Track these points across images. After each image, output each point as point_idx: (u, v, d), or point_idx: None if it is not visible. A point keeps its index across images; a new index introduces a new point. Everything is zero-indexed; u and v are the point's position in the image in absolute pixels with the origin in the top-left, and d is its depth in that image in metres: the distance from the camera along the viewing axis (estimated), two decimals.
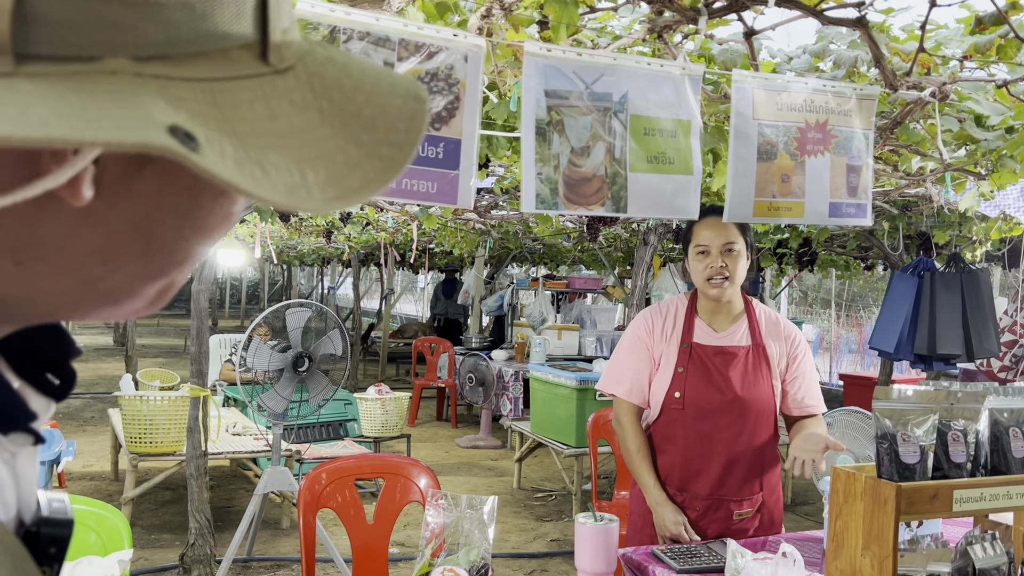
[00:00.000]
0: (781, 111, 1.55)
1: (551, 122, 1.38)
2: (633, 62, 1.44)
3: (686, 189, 1.49)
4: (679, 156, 1.47)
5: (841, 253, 6.48)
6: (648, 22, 1.45)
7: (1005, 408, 1.79)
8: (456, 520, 1.60)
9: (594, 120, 1.41)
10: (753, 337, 2.63)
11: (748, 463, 2.58)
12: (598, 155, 1.41)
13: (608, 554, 2.20)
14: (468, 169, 1.33)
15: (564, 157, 1.39)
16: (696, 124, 1.50)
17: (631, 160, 1.43)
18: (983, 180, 2.17)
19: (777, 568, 2.06)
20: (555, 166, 1.38)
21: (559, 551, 4.97)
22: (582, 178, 1.41)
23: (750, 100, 1.53)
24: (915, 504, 1.63)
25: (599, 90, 1.41)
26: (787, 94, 1.56)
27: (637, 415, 2.69)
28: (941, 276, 4.25)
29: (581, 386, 5.60)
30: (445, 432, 8.52)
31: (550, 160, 1.38)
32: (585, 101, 1.41)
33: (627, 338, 2.75)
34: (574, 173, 1.40)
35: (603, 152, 1.42)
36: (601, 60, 1.42)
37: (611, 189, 1.42)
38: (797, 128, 1.57)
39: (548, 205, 1.37)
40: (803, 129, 1.58)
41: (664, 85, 1.46)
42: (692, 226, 2.53)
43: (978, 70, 1.80)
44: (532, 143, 1.36)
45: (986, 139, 1.84)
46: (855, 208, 1.63)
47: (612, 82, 1.42)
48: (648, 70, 1.45)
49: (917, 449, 1.67)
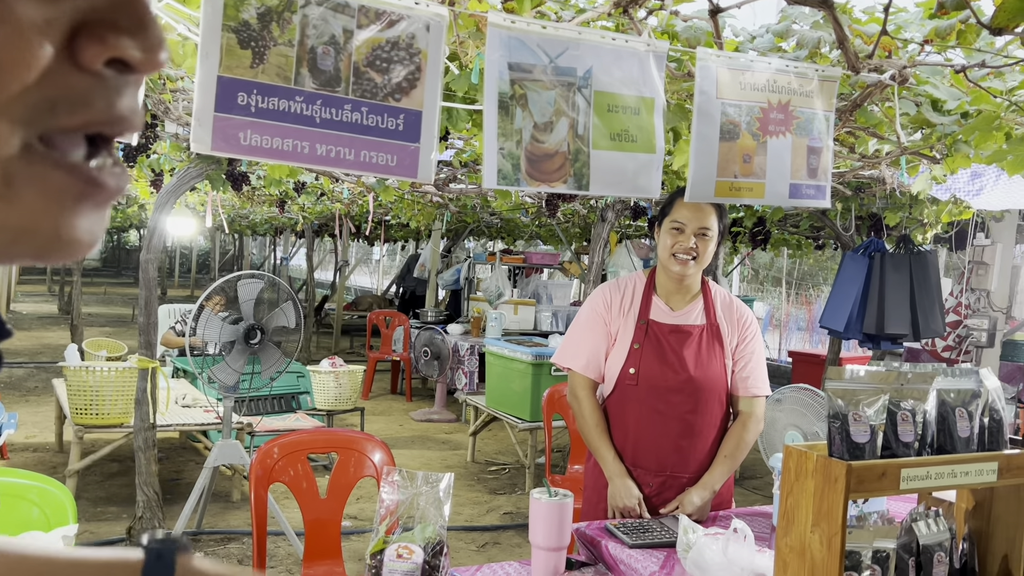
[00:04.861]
0: (744, 91, 1.55)
1: (514, 96, 1.36)
2: (598, 37, 1.42)
3: (648, 167, 1.48)
4: (642, 134, 1.46)
5: (794, 232, 6.58)
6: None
7: (952, 389, 1.83)
8: (411, 497, 1.59)
9: (558, 95, 1.39)
10: (708, 317, 2.65)
11: (701, 442, 2.61)
12: (561, 131, 1.39)
13: (562, 529, 2.21)
14: (429, 142, 1.30)
15: (527, 132, 1.37)
16: (660, 102, 1.49)
17: (594, 137, 1.42)
18: (937, 164, 2.20)
19: (728, 543, 2.09)
20: (517, 141, 1.36)
21: (512, 524, 5.00)
22: (544, 154, 1.39)
23: (714, 79, 1.52)
24: (864, 482, 1.66)
25: (563, 64, 1.39)
26: (751, 73, 1.56)
27: (593, 389, 2.70)
28: (891, 257, 4.34)
29: (536, 361, 5.62)
30: (399, 405, 8.50)
31: (513, 135, 1.36)
32: (549, 75, 1.38)
33: (584, 313, 2.75)
34: (537, 149, 1.38)
35: (566, 128, 1.40)
36: (566, 34, 1.39)
37: (573, 166, 1.40)
38: (760, 108, 1.57)
39: (510, 181, 1.35)
40: (766, 109, 1.57)
41: (629, 61, 1.45)
42: (673, 201, 2.53)
43: (935, 54, 1.81)
44: (495, 117, 1.34)
45: (942, 123, 1.86)
46: (815, 190, 1.64)
47: (576, 56, 1.40)
48: (613, 45, 1.43)
49: (867, 428, 1.70)
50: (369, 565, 1.54)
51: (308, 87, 1.24)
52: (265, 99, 1.21)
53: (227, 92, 1.19)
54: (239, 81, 1.20)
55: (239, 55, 1.19)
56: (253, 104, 1.21)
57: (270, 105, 1.22)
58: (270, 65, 1.21)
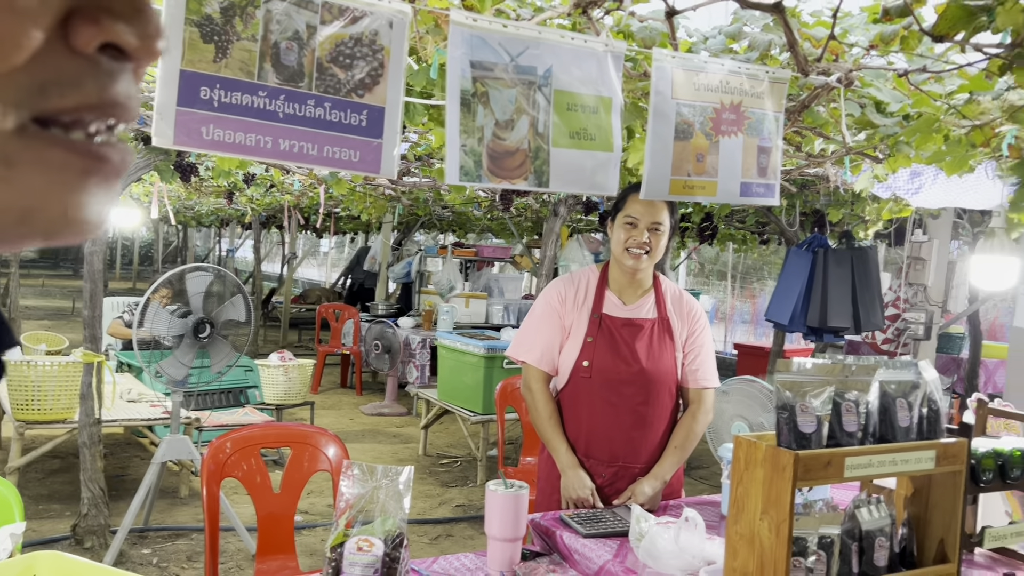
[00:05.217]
0: (698, 91, 1.59)
1: (476, 93, 1.37)
2: (558, 36, 1.44)
3: (606, 165, 1.51)
4: (600, 133, 1.49)
5: (740, 228, 6.71)
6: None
7: (893, 380, 1.91)
8: (371, 490, 1.60)
9: (519, 93, 1.41)
10: (659, 311, 2.70)
11: (652, 433, 2.67)
12: (522, 129, 1.42)
13: (517, 520, 2.24)
14: (392, 138, 1.31)
15: (488, 129, 1.39)
16: (617, 101, 1.52)
17: (554, 135, 1.44)
18: (880, 163, 2.28)
19: (680, 532, 2.15)
20: (479, 138, 1.38)
21: (464, 516, 5.03)
22: (505, 151, 1.41)
23: (669, 80, 1.56)
24: (811, 471, 1.72)
25: (524, 63, 1.41)
26: (704, 75, 1.60)
27: (546, 382, 2.74)
28: (833, 253, 4.47)
29: (489, 354, 5.64)
30: (349, 399, 8.46)
31: (474, 132, 1.37)
32: (510, 73, 1.40)
33: (539, 307, 2.78)
34: (498, 146, 1.40)
35: (527, 126, 1.42)
36: (526, 33, 1.41)
37: (534, 163, 1.43)
38: (713, 108, 1.61)
39: (472, 178, 1.37)
40: (718, 110, 1.62)
41: (587, 61, 1.47)
42: (626, 196, 2.57)
43: (879, 58, 1.88)
44: (456, 114, 1.35)
45: (885, 125, 1.93)
46: (764, 188, 1.69)
47: (536, 55, 1.42)
48: (572, 45, 1.46)
49: (814, 419, 1.76)
50: (329, 558, 1.55)
51: (271, 82, 1.24)
52: (228, 94, 1.21)
53: (190, 86, 1.18)
54: (202, 75, 1.19)
55: (202, 49, 1.19)
56: (216, 99, 1.20)
57: (233, 100, 1.22)
58: (233, 60, 1.21)
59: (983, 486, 2.04)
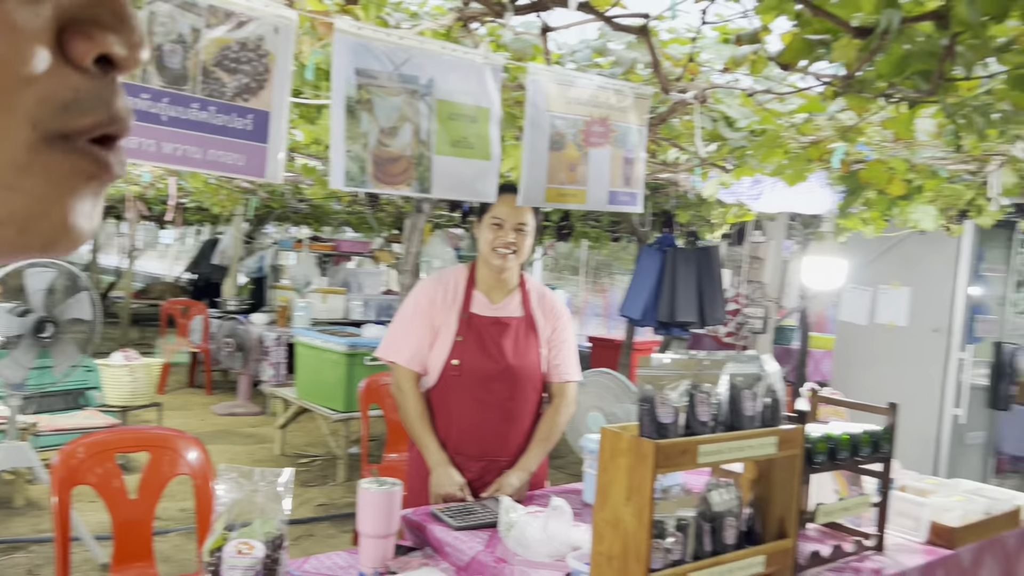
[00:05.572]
0: (570, 105, 1.68)
1: (361, 100, 1.40)
2: (439, 47, 1.49)
3: (485, 173, 1.58)
4: (480, 142, 1.55)
5: (594, 227, 6.98)
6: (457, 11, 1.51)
7: (740, 373, 2.09)
8: (249, 493, 1.59)
9: (402, 101, 1.45)
10: (525, 309, 2.81)
11: (519, 426, 2.77)
12: (406, 136, 1.45)
13: (391, 517, 2.28)
14: (277, 142, 1.32)
15: (373, 136, 1.42)
16: (496, 112, 1.59)
17: (436, 143, 1.49)
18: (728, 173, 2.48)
19: (548, 520, 2.25)
20: (364, 144, 1.40)
21: (326, 516, 4.98)
22: (390, 158, 1.44)
23: (544, 93, 1.65)
24: (670, 458, 1.86)
25: (407, 72, 1.45)
26: (576, 89, 1.69)
27: (416, 381, 2.78)
28: (681, 252, 4.75)
29: (351, 351, 5.59)
30: (199, 399, 8.13)
31: (359, 138, 1.40)
32: (394, 82, 1.44)
33: (407, 307, 2.82)
34: (382, 152, 1.43)
35: (410, 133, 1.46)
36: (409, 43, 1.45)
37: (417, 170, 1.47)
38: (584, 121, 1.71)
39: (357, 183, 1.40)
40: (588, 123, 1.72)
41: (467, 72, 1.53)
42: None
43: (725, 75, 2.05)
44: (342, 120, 1.38)
45: (733, 138, 2.11)
46: (629, 196, 1.81)
47: (419, 65, 1.46)
48: (452, 56, 1.51)
49: (672, 410, 1.90)
50: (207, 563, 1.53)
51: (154, 84, 1.21)
52: None
53: None
54: None
55: None
56: None
57: None
58: None
59: (816, 467, 2.27)
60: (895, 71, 1.29)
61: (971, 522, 2.66)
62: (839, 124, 2.03)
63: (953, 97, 1.62)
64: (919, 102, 1.68)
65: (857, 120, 1.96)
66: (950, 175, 2.63)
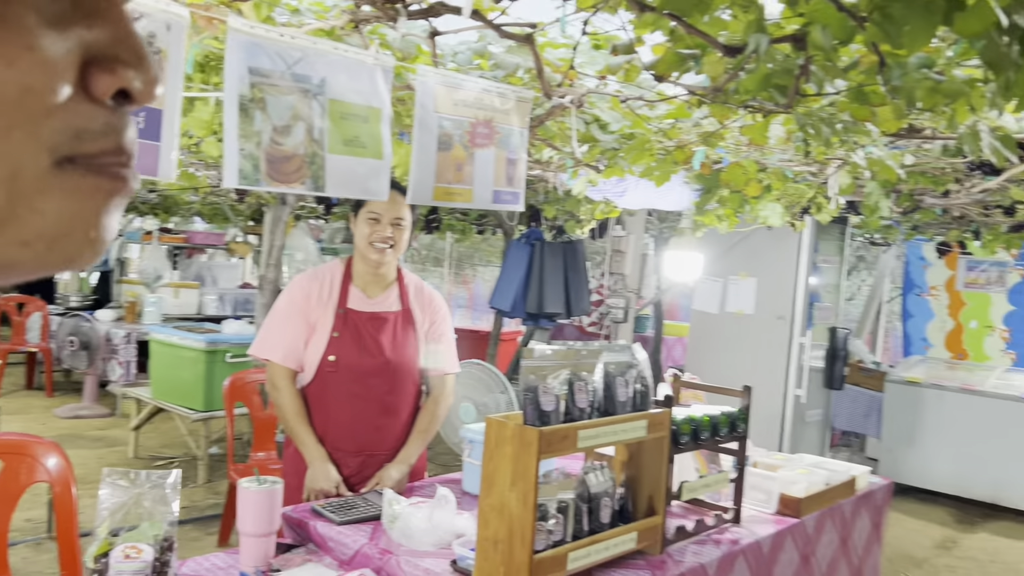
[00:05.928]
0: (457, 107, 1.74)
1: (254, 99, 1.39)
2: (331, 48, 1.51)
3: (377, 172, 1.60)
4: (372, 141, 1.58)
5: (461, 219, 7.05)
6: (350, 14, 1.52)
7: (613, 361, 2.22)
8: (135, 497, 1.56)
9: (295, 100, 1.45)
10: (402, 303, 2.84)
11: (397, 420, 2.80)
12: (298, 134, 1.46)
13: (272, 515, 2.26)
14: (170, 140, 1.29)
15: (266, 135, 1.42)
16: (386, 112, 1.62)
17: (329, 142, 1.50)
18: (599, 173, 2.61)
19: (433, 510, 2.31)
20: (257, 143, 1.40)
21: (187, 519, 4.81)
22: (283, 156, 1.45)
23: (432, 94, 1.69)
24: (552, 444, 1.96)
25: (299, 72, 1.45)
26: (462, 91, 1.75)
27: (292, 379, 2.76)
28: (548, 246, 4.91)
29: (210, 348, 5.41)
30: (39, 402, 7.62)
31: (252, 136, 1.39)
32: (287, 81, 1.44)
33: (282, 304, 2.79)
34: (276, 151, 1.43)
35: (303, 132, 1.47)
36: (301, 43, 1.46)
37: (311, 168, 1.48)
38: (469, 123, 1.77)
39: (251, 181, 1.39)
40: (474, 124, 1.78)
41: (359, 73, 1.55)
42: None
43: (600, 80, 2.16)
44: (235, 119, 1.37)
45: (605, 141, 2.23)
46: (512, 196, 1.89)
47: (311, 65, 1.47)
48: (344, 57, 1.53)
49: (554, 398, 2.00)
50: (92, 570, 1.49)
51: None
52: None
53: None
54: None
55: None
56: None
57: None
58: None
59: (681, 448, 2.44)
60: (759, 87, 1.42)
61: (814, 492, 2.93)
62: (702, 130, 2.19)
63: (804, 109, 1.79)
64: (774, 113, 1.85)
65: (719, 127, 2.13)
66: (795, 176, 2.87)
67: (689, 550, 2.43)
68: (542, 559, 1.98)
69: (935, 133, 2.08)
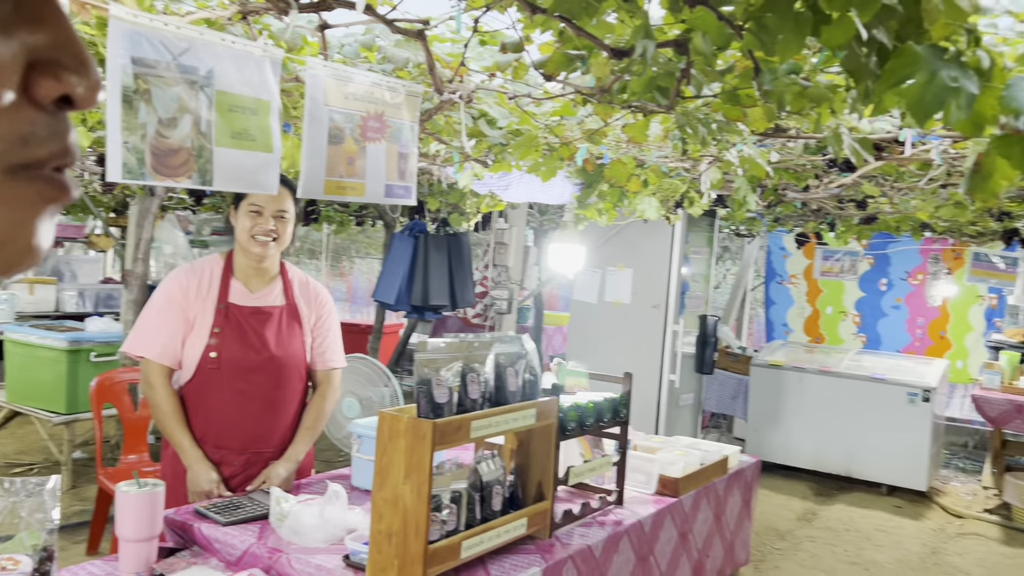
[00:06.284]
0: (348, 100, 1.72)
1: (138, 90, 1.34)
2: (219, 39, 1.47)
3: (267, 166, 1.57)
4: (261, 134, 1.55)
5: (340, 211, 6.94)
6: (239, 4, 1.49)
7: (504, 352, 2.26)
8: (11, 506, 1.48)
9: (181, 92, 1.41)
10: (287, 298, 2.79)
11: (283, 417, 2.76)
12: (185, 127, 1.42)
13: (153, 519, 2.19)
14: None
15: (151, 127, 1.37)
16: (276, 105, 1.59)
17: (216, 135, 1.47)
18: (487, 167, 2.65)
19: (324, 506, 2.29)
20: (142, 135, 1.35)
21: None
22: (169, 149, 1.40)
23: (322, 87, 1.67)
24: (445, 436, 1.99)
25: (186, 62, 1.41)
26: (353, 84, 1.74)
27: (169, 377, 2.67)
28: (433, 238, 4.91)
29: (73, 347, 5.12)
30: None
31: (137, 129, 1.34)
32: (172, 72, 1.39)
33: (158, 299, 2.69)
34: (161, 144, 1.39)
35: (190, 124, 1.42)
36: (187, 33, 1.41)
37: (198, 162, 1.44)
38: (360, 116, 1.76)
39: (135, 175, 1.34)
40: (365, 118, 1.77)
41: (247, 64, 1.52)
42: None
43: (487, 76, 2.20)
44: (118, 111, 1.31)
45: (493, 136, 2.27)
46: (403, 190, 1.90)
47: (198, 56, 1.43)
48: (232, 48, 1.49)
49: (447, 390, 2.03)
50: None
51: None
52: None
53: None
54: None
55: None
56: None
57: None
58: None
59: (568, 434, 2.51)
60: (645, 89, 1.49)
61: (690, 472, 3.08)
62: (585, 127, 2.27)
63: (681, 109, 1.89)
64: (655, 112, 1.93)
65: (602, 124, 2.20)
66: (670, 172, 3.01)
67: (576, 532, 2.51)
68: (436, 549, 2.01)
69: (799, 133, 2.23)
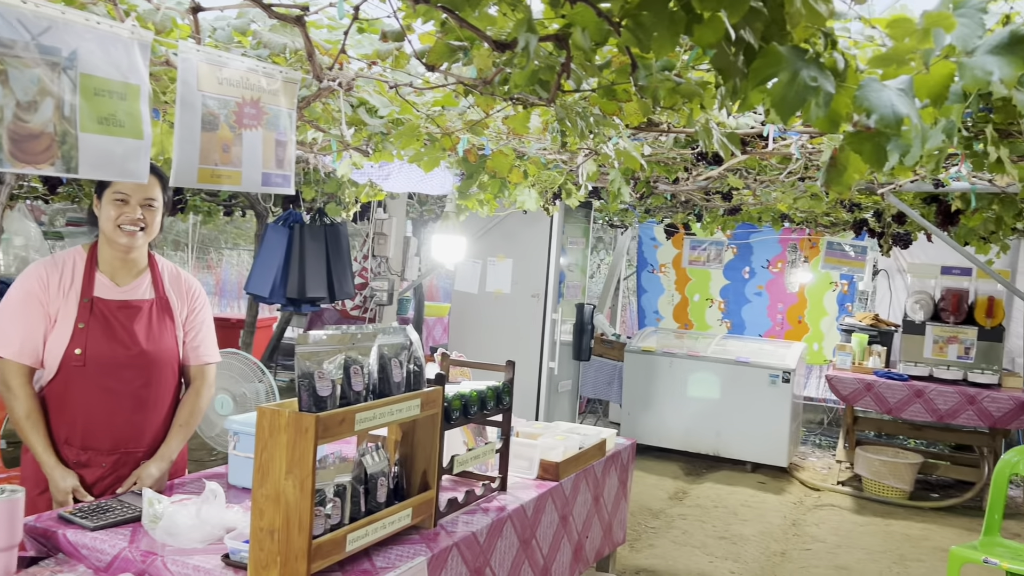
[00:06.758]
0: (222, 85, 1.67)
1: None
2: (83, 19, 1.39)
3: (136, 152, 1.50)
4: (129, 120, 1.48)
5: (208, 200, 6.67)
6: None
7: (388, 344, 2.25)
8: None
9: (42, 74, 1.32)
10: (157, 291, 2.68)
11: (155, 415, 2.65)
12: (46, 112, 1.33)
13: (12, 527, 2.06)
14: None
15: (9, 111, 1.28)
16: (145, 89, 1.52)
17: (81, 120, 1.39)
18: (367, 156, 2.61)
19: (201, 506, 2.22)
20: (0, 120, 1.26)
21: None
22: (30, 134, 1.31)
23: (195, 72, 1.61)
24: (329, 429, 1.96)
25: (47, 43, 1.33)
26: (228, 70, 1.68)
27: (28, 376, 2.52)
28: (309, 228, 4.80)
29: None
30: None
31: None
32: (31, 53, 1.31)
33: (15, 294, 2.53)
34: (20, 128, 1.30)
35: (52, 109, 1.34)
36: (48, 12, 1.33)
37: (61, 148, 1.36)
38: (236, 103, 1.71)
39: None
40: (240, 104, 1.72)
41: (114, 47, 1.44)
42: None
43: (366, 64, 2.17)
44: None
45: (373, 125, 2.24)
46: (282, 178, 1.85)
47: (59, 36, 1.35)
48: (97, 29, 1.41)
49: (330, 383, 2.00)
50: None
51: None
52: None
53: None
54: None
55: None
56: None
57: None
58: None
59: (453, 423, 2.53)
60: (528, 82, 1.52)
61: (570, 456, 3.17)
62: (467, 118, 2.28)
63: (560, 102, 1.93)
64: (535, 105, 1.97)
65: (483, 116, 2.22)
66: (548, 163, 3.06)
67: (461, 520, 2.54)
68: (321, 543, 1.99)
69: (671, 127, 2.33)
